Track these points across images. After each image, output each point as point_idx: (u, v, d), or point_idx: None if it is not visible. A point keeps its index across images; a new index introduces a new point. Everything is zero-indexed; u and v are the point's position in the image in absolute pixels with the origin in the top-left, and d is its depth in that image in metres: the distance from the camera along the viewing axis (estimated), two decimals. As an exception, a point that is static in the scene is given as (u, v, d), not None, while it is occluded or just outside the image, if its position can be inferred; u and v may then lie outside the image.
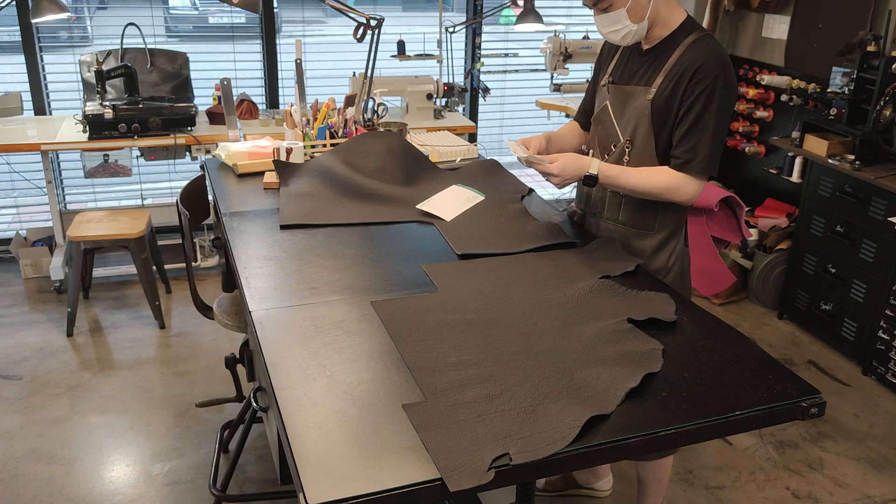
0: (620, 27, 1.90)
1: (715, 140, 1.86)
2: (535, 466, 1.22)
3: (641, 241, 2.04)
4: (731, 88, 1.86)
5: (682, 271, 2.08)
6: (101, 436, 2.83)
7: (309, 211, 2.23)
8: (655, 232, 2.02)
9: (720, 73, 1.82)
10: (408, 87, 4.14)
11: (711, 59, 1.83)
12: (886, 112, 3.26)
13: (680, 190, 1.90)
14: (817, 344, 3.64)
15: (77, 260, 3.44)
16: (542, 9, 4.36)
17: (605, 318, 1.65)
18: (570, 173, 1.93)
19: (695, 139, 1.87)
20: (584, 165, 1.94)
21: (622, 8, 1.87)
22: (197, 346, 3.46)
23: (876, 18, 3.58)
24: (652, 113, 1.92)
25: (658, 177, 1.91)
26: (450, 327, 1.60)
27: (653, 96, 1.91)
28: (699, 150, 1.86)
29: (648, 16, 1.88)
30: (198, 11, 6.92)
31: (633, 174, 1.93)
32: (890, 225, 3.12)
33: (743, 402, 1.39)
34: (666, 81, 1.89)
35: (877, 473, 2.77)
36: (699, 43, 1.86)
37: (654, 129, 1.93)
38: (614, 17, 1.89)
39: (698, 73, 1.83)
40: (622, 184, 1.94)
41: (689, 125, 1.87)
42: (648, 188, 1.92)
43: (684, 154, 1.88)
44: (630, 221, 2.04)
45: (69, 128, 3.76)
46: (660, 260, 2.03)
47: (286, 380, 1.40)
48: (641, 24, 1.89)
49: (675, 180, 1.89)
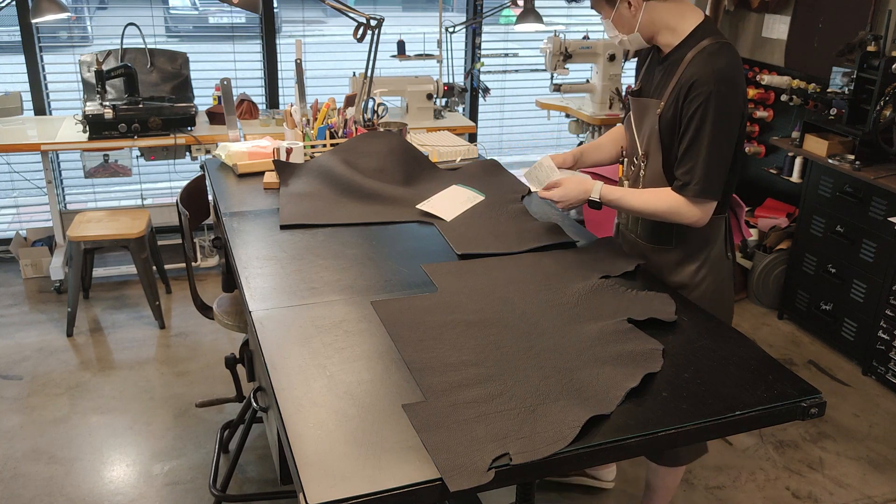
0: (614, 35, 1.89)
1: (710, 162, 1.76)
2: (535, 466, 1.22)
3: (661, 255, 1.96)
4: (728, 104, 1.74)
5: (718, 287, 1.96)
6: (101, 436, 2.83)
7: (309, 211, 2.23)
8: (674, 247, 1.94)
9: (714, 89, 1.72)
10: (408, 87, 4.13)
11: (706, 74, 1.73)
12: (886, 112, 3.26)
13: (683, 213, 1.82)
14: (817, 344, 3.64)
15: (77, 260, 3.44)
16: (542, 9, 4.36)
17: (605, 318, 1.65)
18: (572, 198, 1.92)
19: (691, 162, 1.79)
20: (586, 190, 1.91)
21: (608, 19, 1.86)
22: (197, 346, 3.46)
23: (876, 18, 3.58)
24: (660, 128, 1.85)
25: (660, 201, 1.84)
26: (450, 327, 1.60)
27: (661, 110, 1.84)
28: (694, 173, 1.78)
29: (640, 27, 1.83)
30: (198, 11, 6.92)
31: (636, 197, 1.88)
32: (890, 225, 3.12)
33: (743, 402, 1.39)
34: (672, 95, 1.81)
35: (877, 473, 2.77)
36: (702, 54, 1.77)
37: (661, 145, 1.87)
38: (607, 25, 1.89)
39: (692, 90, 1.75)
40: (625, 206, 1.90)
41: (685, 146, 1.79)
42: (651, 211, 1.86)
43: (683, 177, 1.81)
44: (647, 236, 1.99)
45: (69, 128, 3.76)
46: (684, 275, 1.94)
47: (286, 380, 1.41)
48: (633, 34, 1.85)
49: (677, 204, 1.82)
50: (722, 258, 1.97)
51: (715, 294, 1.96)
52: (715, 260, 1.95)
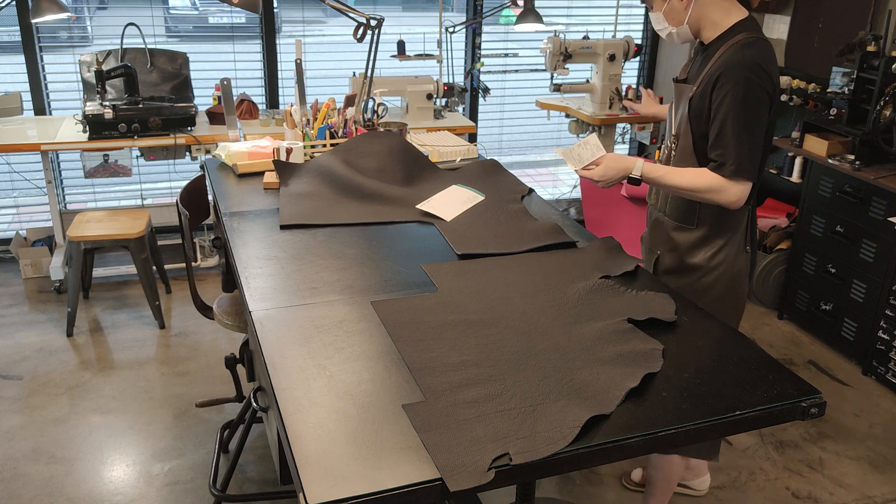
0: (663, 27, 1.99)
1: (741, 144, 1.86)
2: (535, 466, 1.22)
3: (682, 234, 2.05)
4: (757, 91, 1.85)
5: (732, 277, 2.04)
6: (101, 436, 2.83)
7: (309, 211, 2.23)
8: (695, 227, 2.03)
9: (744, 75, 1.83)
10: (408, 87, 4.13)
11: (736, 62, 1.84)
12: (886, 112, 3.26)
13: (722, 192, 1.89)
14: (817, 344, 3.64)
15: (77, 260, 3.44)
16: (542, 9, 4.36)
17: (605, 318, 1.65)
18: (611, 176, 1.98)
19: (724, 143, 1.89)
20: (626, 168, 1.97)
21: (659, 11, 1.96)
22: (197, 346, 3.46)
23: (876, 18, 3.58)
24: (689, 110, 1.96)
25: (701, 178, 1.92)
26: (450, 327, 1.60)
27: (692, 94, 1.95)
28: (728, 154, 1.88)
29: (689, 20, 1.94)
30: (198, 11, 6.91)
31: (677, 174, 1.95)
32: (890, 225, 3.12)
33: (743, 402, 1.39)
34: (703, 81, 1.92)
35: (877, 473, 2.77)
36: (734, 46, 1.87)
37: (691, 127, 1.97)
38: (656, 17, 1.99)
39: (722, 77, 1.86)
40: (666, 183, 1.96)
41: (717, 130, 1.89)
42: (691, 188, 1.93)
43: (717, 157, 1.90)
44: (672, 213, 2.07)
45: (69, 128, 3.76)
46: (700, 256, 2.03)
47: (286, 380, 1.41)
48: (682, 27, 1.95)
49: (717, 183, 1.90)
50: (740, 250, 2.04)
51: (729, 284, 2.04)
52: (733, 249, 2.03)
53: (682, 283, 2.05)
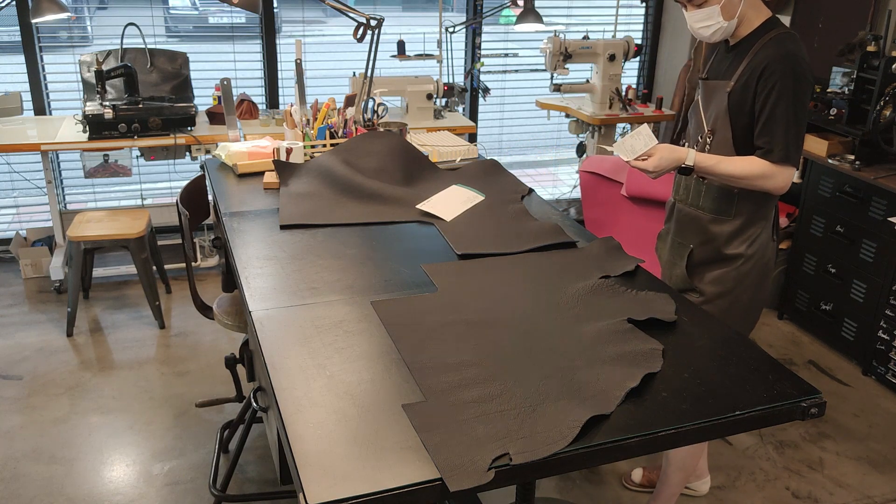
0: (712, 23, 2.00)
1: (789, 131, 1.94)
2: (535, 466, 1.22)
3: (720, 225, 2.11)
4: (800, 82, 1.93)
5: (765, 264, 2.13)
6: (101, 436, 2.83)
7: (309, 211, 2.23)
8: (733, 217, 2.09)
9: (787, 67, 1.91)
10: (408, 87, 4.13)
11: (780, 55, 1.92)
12: (886, 112, 3.26)
13: (771, 178, 1.98)
14: (817, 344, 3.64)
15: (77, 260, 3.44)
16: (542, 9, 4.36)
17: (605, 318, 1.65)
18: (664, 166, 2.02)
19: (772, 131, 1.96)
20: (679, 158, 2.02)
21: (717, 5, 1.97)
22: (197, 346, 3.46)
23: (876, 18, 3.58)
24: (729, 104, 2.01)
25: (752, 165, 1.98)
26: (450, 327, 1.60)
27: (730, 88, 2.01)
28: (775, 141, 1.95)
29: (738, 14, 1.99)
30: (198, 11, 6.91)
31: (729, 163, 2.01)
32: (890, 225, 3.12)
33: (743, 402, 1.39)
34: (742, 76, 1.98)
35: (877, 473, 2.77)
36: (773, 41, 1.95)
37: (730, 120, 2.02)
38: (707, 13, 2.00)
39: (766, 70, 1.93)
40: (720, 172, 2.01)
41: (764, 119, 1.96)
42: (744, 174, 1.99)
43: (765, 144, 1.97)
44: (710, 207, 2.12)
45: (69, 128, 3.76)
46: (736, 245, 2.10)
47: (286, 380, 1.41)
48: (731, 21, 1.99)
49: (768, 169, 1.97)
50: (769, 239, 2.13)
51: (762, 271, 2.13)
52: (764, 238, 2.12)
53: (720, 274, 2.11)
